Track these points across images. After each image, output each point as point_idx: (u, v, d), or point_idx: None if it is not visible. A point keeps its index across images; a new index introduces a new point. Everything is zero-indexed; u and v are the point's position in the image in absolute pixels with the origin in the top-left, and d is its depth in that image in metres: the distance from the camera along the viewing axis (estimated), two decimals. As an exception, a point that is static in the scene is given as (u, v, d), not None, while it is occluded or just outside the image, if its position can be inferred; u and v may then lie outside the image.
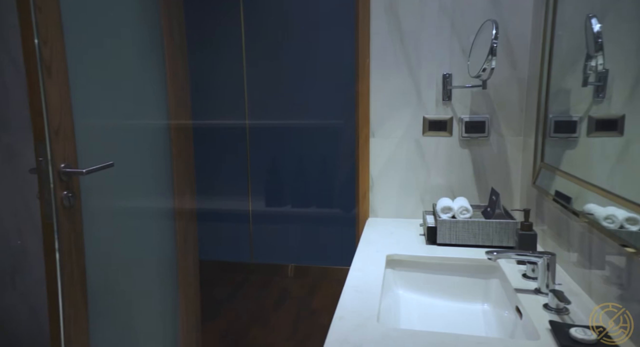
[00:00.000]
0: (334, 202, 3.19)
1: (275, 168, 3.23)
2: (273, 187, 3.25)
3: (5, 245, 1.58)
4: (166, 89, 1.75)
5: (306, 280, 3.26)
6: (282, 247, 3.32)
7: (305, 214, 3.24)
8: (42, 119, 1.13)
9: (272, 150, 3.21)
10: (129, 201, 1.61)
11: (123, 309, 1.56)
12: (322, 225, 3.25)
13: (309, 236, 3.28)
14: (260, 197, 3.26)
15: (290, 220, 3.27)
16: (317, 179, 3.18)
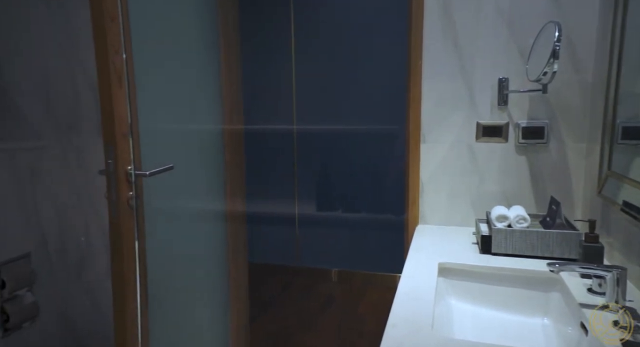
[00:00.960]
0: (382, 207, 3.16)
1: (322, 172, 3.26)
2: (320, 191, 3.28)
3: (73, 242, 1.69)
4: (221, 95, 1.82)
5: (351, 285, 3.25)
6: (328, 252, 3.33)
7: (351, 219, 3.24)
8: (112, 124, 1.21)
9: (319, 155, 3.24)
10: (185, 203, 1.68)
11: (178, 306, 1.63)
12: (368, 231, 3.23)
13: (355, 241, 3.27)
14: (307, 201, 3.30)
15: (336, 224, 3.28)
16: (365, 184, 3.17)
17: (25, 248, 1.62)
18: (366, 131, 3.09)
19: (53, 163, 1.68)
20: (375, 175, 3.15)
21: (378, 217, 3.18)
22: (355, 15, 3.03)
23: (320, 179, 3.26)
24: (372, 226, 3.22)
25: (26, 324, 1.60)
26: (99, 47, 1.17)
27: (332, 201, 3.27)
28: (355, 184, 3.21)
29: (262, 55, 3.22)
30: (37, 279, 1.64)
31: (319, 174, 3.25)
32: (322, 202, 3.30)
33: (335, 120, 3.14)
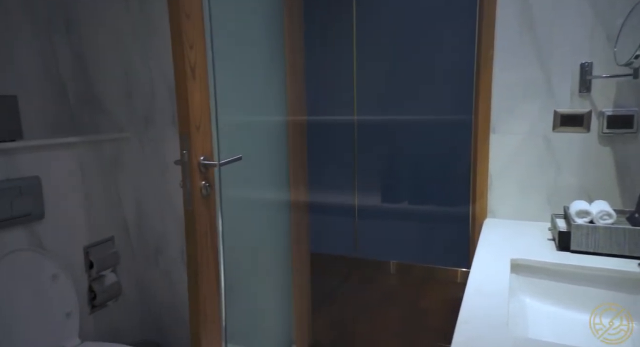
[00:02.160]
0: (444, 200, 3.08)
1: (381, 164, 3.22)
2: (379, 182, 3.25)
3: (150, 228, 1.81)
4: (285, 87, 1.84)
5: (410, 278, 3.21)
6: (386, 243, 3.30)
7: (410, 211, 3.19)
8: (187, 116, 1.27)
9: (379, 146, 3.20)
10: (252, 192, 1.73)
11: (246, 292, 1.69)
12: (429, 223, 3.16)
13: (415, 233, 3.22)
14: (366, 192, 3.28)
15: (396, 216, 3.24)
16: (426, 176, 3.10)
17: (109, 232, 1.75)
18: (430, 121, 3.00)
19: (132, 154, 1.80)
20: (437, 166, 3.07)
21: (439, 209, 3.10)
22: (419, 1, 2.94)
23: (385, 170, 3.22)
24: (433, 218, 3.15)
25: (110, 302, 1.74)
26: (175, 43, 1.22)
27: (396, 192, 3.23)
28: (418, 176, 3.14)
29: (322, 45, 3.22)
30: (120, 261, 1.77)
31: (384, 165, 3.21)
32: (377, 193, 3.27)
33: (398, 110, 3.08)
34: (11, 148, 1.39)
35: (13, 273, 1.36)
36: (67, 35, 1.75)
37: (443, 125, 2.98)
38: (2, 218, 1.35)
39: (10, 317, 1.34)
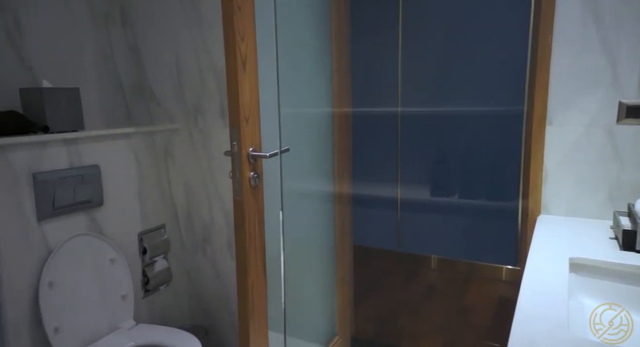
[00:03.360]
0: (490, 194, 2.98)
1: (428, 156, 3.15)
2: (424, 175, 3.18)
3: (198, 217, 1.87)
4: (332, 79, 1.83)
5: (452, 274, 3.14)
6: (428, 238, 3.24)
7: (456, 205, 3.11)
8: (237, 107, 1.28)
9: (424, 138, 3.14)
10: (298, 184, 1.74)
11: (291, 283, 1.71)
12: (473, 218, 3.07)
13: (458, 228, 3.14)
14: (410, 185, 3.23)
15: (439, 210, 3.17)
16: (474, 170, 3.01)
17: (161, 220, 1.82)
18: (478, 113, 2.90)
19: (182, 144, 1.85)
20: (484, 160, 2.97)
21: (485, 204, 3.00)
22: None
23: (433, 163, 3.15)
24: (477, 213, 3.05)
25: (162, 287, 1.82)
26: (227, 35, 1.24)
27: (431, 185, 3.16)
28: (465, 169, 3.05)
29: (367, 34, 3.17)
30: (170, 248, 1.84)
31: (431, 158, 3.14)
32: (420, 186, 3.20)
33: (445, 101, 2.99)
34: (74, 138, 1.47)
35: (76, 256, 1.45)
36: (123, 29, 1.82)
37: (492, 117, 2.87)
38: (66, 204, 1.43)
39: (73, 297, 1.43)
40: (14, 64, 1.46)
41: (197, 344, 1.45)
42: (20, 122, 1.36)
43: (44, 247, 1.39)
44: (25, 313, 1.34)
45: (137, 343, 1.46)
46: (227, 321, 1.88)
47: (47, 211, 1.38)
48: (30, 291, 1.35)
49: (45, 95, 1.39)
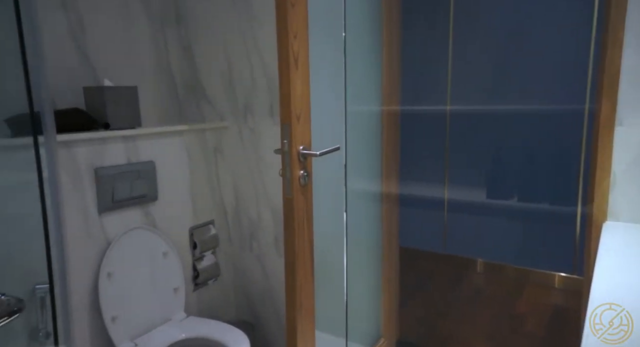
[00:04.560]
0: (545, 197, 2.83)
1: (476, 156, 3.04)
2: (471, 175, 3.07)
3: (246, 214, 1.89)
4: (381, 76, 1.80)
5: (501, 279, 3.01)
6: (475, 240, 3.13)
7: (504, 207, 2.98)
8: (288, 105, 1.28)
9: (475, 138, 3.02)
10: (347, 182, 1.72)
11: (337, 282, 1.70)
12: (527, 221, 2.93)
13: (510, 231, 3.01)
14: (458, 185, 3.13)
15: (486, 212, 3.05)
16: (528, 170, 2.87)
17: (210, 216, 1.86)
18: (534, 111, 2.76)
19: (231, 142, 1.88)
20: (540, 161, 2.83)
21: (539, 207, 2.85)
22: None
23: (469, 162, 3.04)
24: (530, 216, 2.91)
25: (210, 282, 1.85)
26: (280, 32, 1.24)
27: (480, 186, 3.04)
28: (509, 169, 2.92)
29: (417, 30, 3.09)
30: (219, 244, 1.88)
31: (482, 159, 3.03)
32: (469, 187, 3.09)
33: (498, 100, 2.87)
34: (132, 135, 1.52)
35: (132, 248, 1.50)
36: (178, 29, 1.87)
37: (550, 116, 2.72)
38: (124, 198, 1.49)
39: (129, 288, 1.48)
40: (78, 63, 1.54)
41: (245, 339, 1.46)
42: (83, 119, 1.42)
43: (104, 239, 1.45)
44: (85, 302, 1.41)
45: (188, 335, 1.50)
46: (272, 318, 1.89)
47: (107, 204, 1.44)
48: (90, 281, 1.42)
49: (106, 94, 1.45)
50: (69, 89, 1.50)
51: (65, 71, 1.50)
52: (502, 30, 2.81)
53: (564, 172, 2.72)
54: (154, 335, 1.50)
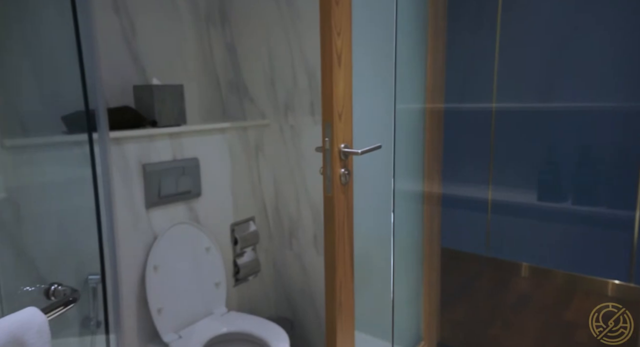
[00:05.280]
0: (601, 200, 2.67)
1: (525, 156, 2.91)
2: (518, 176, 2.94)
3: (286, 212, 1.90)
4: (425, 74, 1.76)
5: (547, 284, 2.88)
6: (522, 244, 3.00)
7: (556, 210, 2.83)
8: (331, 103, 1.27)
9: (524, 137, 2.89)
10: (387, 182, 1.69)
11: (377, 283, 1.68)
12: (579, 225, 2.78)
13: (560, 235, 2.86)
14: (503, 186, 3.01)
15: (535, 214, 2.92)
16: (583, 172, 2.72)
17: (251, 213, 1.89)
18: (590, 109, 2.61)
19: (272, 140, 1.90)
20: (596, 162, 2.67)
21: (593, 210, 2.69)
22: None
23: (516, 162, 2.91)
24: (583, 220, 2.76)
25: (251, 278, 1.88)
26: (324, 29, 1.23)
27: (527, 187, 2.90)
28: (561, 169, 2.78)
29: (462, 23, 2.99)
30: (259, 240, 1.90)
31: (514, 157, 2.90)
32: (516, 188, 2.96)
33: (552, 96, 2.73)
34: (178, 132, 1.56)
35: (177, 243, 1.54)
36: (222, 28, 1.90)
37: (608, 114, 2.56)
38: (170, 194, 1.53)
39: (174, 281, 1.53)
40: (129, 63, 1.59)
41: (284, 336, 1.47)
42: (133, 116, 1.47)
43: (150, 233, 1.50)
44: (133, 293, 1.46)
45: (230, 329, 1.53)
46: (311, 315, 1.90)
47: (153, 199, 1.49)
48: (137, 273, 1.47)
49: (154, 92, 1.49)
50: (119, 88, 1.56)
51: (116, 70, 1.56)
52: (554, 23, 2.67)
53: (622, 174, 2.55)
54: (197, 328, 1.54)
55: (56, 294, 0.80)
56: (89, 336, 1.12)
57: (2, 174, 1.07)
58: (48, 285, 0.82)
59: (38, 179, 1.12)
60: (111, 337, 0.92)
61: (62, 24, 0.89)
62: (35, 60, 1.09)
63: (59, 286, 0.81)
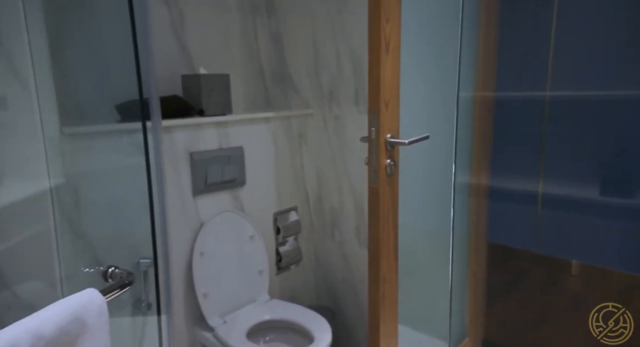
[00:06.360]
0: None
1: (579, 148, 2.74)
2: (575, 169, 2.77)
3: (328, 202, 1.90)
4: (476, 61, 1.68)
5: (602, 284, 2.72)
6: (574, 240, 2.85)
7: (616, 205, 2.65)
8: (378, 92, 1.24)
9: (578, 127, 2.72)
10: (432, 173, 1.65)
11: (420, 276, 1.65)
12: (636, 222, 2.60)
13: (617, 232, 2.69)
14: (555, 179, 2.86)
15: (593, 210, 2.75)
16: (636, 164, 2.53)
17: (293, 202, 1.89)
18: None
19: (316, 129, 1.89)
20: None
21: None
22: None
23: (570, 154, 2.74)
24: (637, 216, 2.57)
25: (292, 266, 1.90)
26: (372, 16, 1.19)
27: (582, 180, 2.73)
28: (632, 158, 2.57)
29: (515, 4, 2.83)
30: (301, 230, 1.91)
31: (568, 149, 2.73)
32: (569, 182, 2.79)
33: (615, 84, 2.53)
34: (224, 121, 1.58)
35: (222, 230, 1.58)
36: (268, 18, 1.90)
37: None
38: (215, 182, 1.56)
39: (219, 267, 1.57)
40: (177, 53, 1.63)
41: (326, 326, 1.47)
42: (181, 105, 1.51)
43: (197, 220, 1.54)
44: (180, 278, 1.51)
45: (272, 317, 1.55)
46: (352, 306, 1.89)
47: (200, 187, 1.53)
48: (185, 259, 1.51)
49: (202, 81, 1.52)
50: (168, 77, 1.60)
51: (165, 60, 1.60)
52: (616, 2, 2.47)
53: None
54: (241, 314, 1.57)
55: (113, 276, 0.83)
56: (140, 316, 1.16)
57: (62, 161, 1.13)
58: (106, 267, 0.85)
59: (94, 166, 1.17)
60: (162, 319, 0.95)
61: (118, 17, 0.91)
62: (93, 51, 1.13)
63: (116, 268, 0.84)
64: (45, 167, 1.04)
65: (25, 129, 1.03)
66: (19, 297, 0.97)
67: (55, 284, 1.05)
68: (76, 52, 1.11)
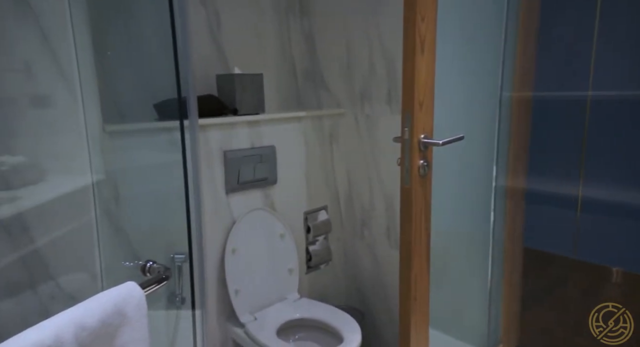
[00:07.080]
0: None
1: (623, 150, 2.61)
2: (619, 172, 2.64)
3: (359, 202, 1.89)
4: (515, 59, 1.63)
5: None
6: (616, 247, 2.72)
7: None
8: (412, 92, 1.22)
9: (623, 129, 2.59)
10: (467, 175, 1.61)
11: (452, 280, 1.61)
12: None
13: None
14: (597, 183, 2.74)
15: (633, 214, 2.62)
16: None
17: (324, 202, 1.89)
18: None
19: (347, 129, 1.88)
20: None
21: None
22: None
23: (612, 156, 2.61)
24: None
25: (322, 266, 1.90)
26: (407, 14, 1.18)
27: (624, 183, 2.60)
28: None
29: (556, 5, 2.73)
30: (331, 229, 1.91)
31: (609, 150, 2.60)
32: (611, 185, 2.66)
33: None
34: (256, 120, 1.60)
35: (254, 228, 1.60)
36: (301, 18, 1.91)
37: None
38: (248, 180, 1.58)
39: (250, 265, 1.58)
40: (213, 52, 1.66)
41: (357, 328, 1.47)
42: (216, 104, 1.53)
43: (230, 217, 1.57)
44: (213, 274, 1.54)
45: (302, 316, 1.55)
46: (382, 307, 1.88)
47: (233, 185, 1.55)
48: (217, 255, 1.54)
49: (236, 81, 1.54)
50: (203, 77, 1.63)
51: (201, 60, 1.63)
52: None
53: None
54: (271, 311, 1.58)
55: (151, 271, 0.86)
56: (174, 310, 1.19)
57: (103, 157, 1.17)
58: (144, 262, 0.88)
59: (133, 162, 1.21)
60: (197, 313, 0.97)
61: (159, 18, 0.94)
62: (133, 52, 1.17)
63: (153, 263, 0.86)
64: (87, 164, 1.08)
65: (70, 127, 1.07)
66: (62, 288, 1.01)
67: (96, 277, 1.09)
68: (118, 52, 1.15)
